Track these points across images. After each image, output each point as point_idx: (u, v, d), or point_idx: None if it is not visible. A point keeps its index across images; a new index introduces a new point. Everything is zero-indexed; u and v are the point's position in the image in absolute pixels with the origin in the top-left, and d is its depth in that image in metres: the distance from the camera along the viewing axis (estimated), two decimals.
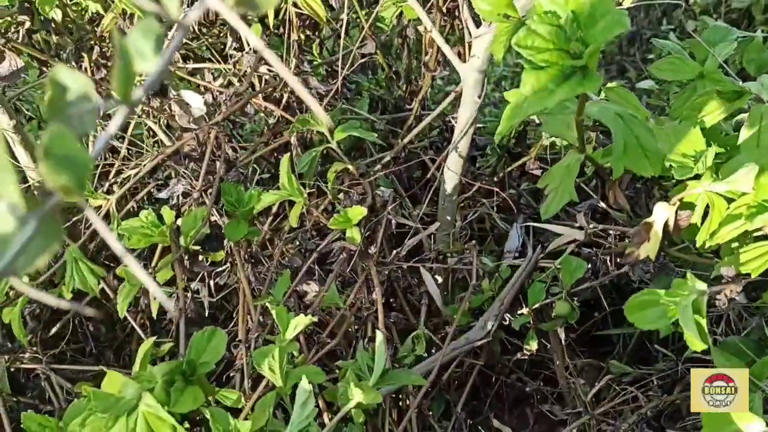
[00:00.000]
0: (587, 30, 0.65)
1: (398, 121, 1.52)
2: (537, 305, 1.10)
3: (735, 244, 0.75)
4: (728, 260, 0.74)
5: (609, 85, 0.93)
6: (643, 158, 0.73)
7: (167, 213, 1.01)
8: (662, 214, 0.81)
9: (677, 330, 1.15)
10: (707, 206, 0.77)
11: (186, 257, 1.01)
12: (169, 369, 0.80)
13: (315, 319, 0.87)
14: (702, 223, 0.76)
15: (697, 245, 0.77)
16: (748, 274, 0.72)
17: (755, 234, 0.77)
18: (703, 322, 0.68)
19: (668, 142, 0.84)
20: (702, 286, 0.70)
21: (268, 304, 0.87)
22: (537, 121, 1.42)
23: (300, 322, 0.86)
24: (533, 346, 1.12)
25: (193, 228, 1.02)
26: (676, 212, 0.82)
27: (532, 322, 1.10)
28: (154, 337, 0.86)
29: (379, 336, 0.77)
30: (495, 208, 1.45)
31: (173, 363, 0.82)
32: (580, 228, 1.08)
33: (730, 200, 0.77)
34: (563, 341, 1.27)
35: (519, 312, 1.12)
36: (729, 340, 1.01)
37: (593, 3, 0.65)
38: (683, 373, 1.15)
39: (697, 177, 0.81)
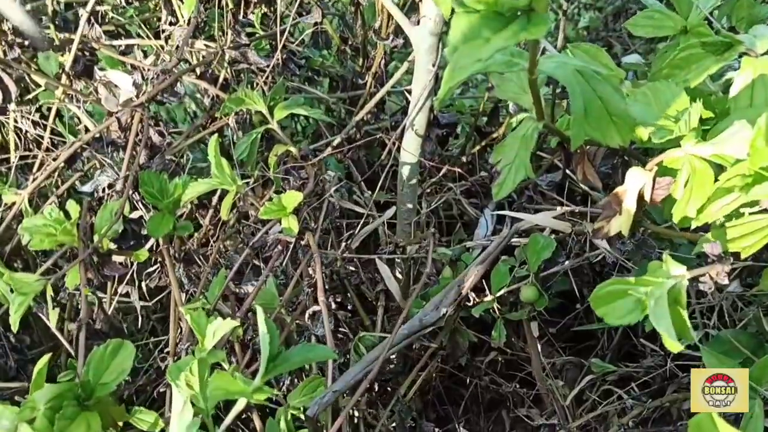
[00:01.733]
0: None
1: (355, 100, 1.38)
2: (501, 291, 0.96)
3: (722, 219, 0.62)
4: (714, 235, 0.61)
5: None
6: (608, 124, 0.60)
7: (72, 207, 0.87)
8: (636, 181, 0.67)
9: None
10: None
11: (96, 258, 0.87)
12: (58, 393, 0.67)
13: (237, 323, 0.73)
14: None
15: (675, 219, 0.64)
16: (738, 254, 0.59)
17: (749, 209, 0.64)
18: (682, 312, 0.55)
19: (646, 103, 0.70)
20: (681, 270, 0.57)
21: (186, 314, 0.73)
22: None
23: (220, 327, 0.73)
24: (501, 338, 0.99)
25: (106, 224, 0.88)
26: (654, 180, 0.69)
27: (497, 311, 0.97)
28: (50, 355, 0.72)
29: (260, 312, 0.63)
30: (464, 193, 1.32)
31: (63, 385, 0.68)
32: (562, 216, 0.95)
33: (720, 168, 0.64)
34: (541, 337, 1.15)
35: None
36: (722, 334, 0.89)
37: None
38: (673, 372, 1.02)
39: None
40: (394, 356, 1.05)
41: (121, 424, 0.71)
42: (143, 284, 1.10)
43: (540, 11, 0.52)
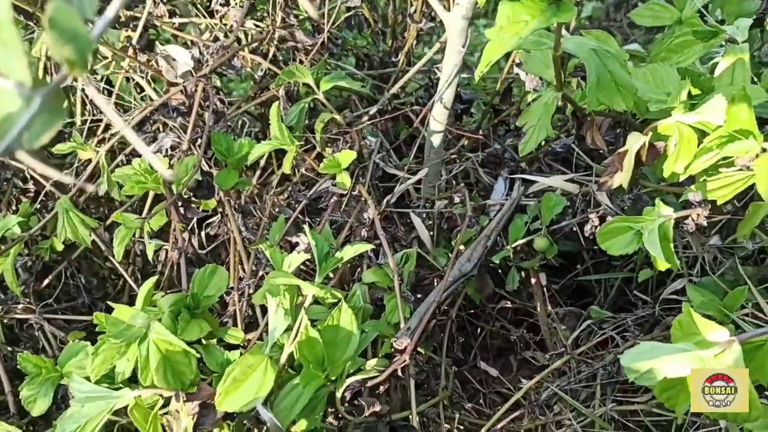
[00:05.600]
0: None
1: (384, 77, 1.53)
2: (517, 242, 1.13)
3: (704, 178, 0.78)
4: (696, 187, 0.77)
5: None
6: (616, 92, 0.76)
7: (160, 160, 1.02)
8: (635, 143, 0.84)
9: (653, 272, 1.19)
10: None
11: (179, 203, 1.03)
12: (175, 300, 0.83)
13: (308, 256, 0.89)
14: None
15: (665, 174, 0.80)
16: (714, 201, 0.76)
17: (725, 169, 0.80)
18: (669, 244, 0.71)
19: (645, 80, 0.86)
20: (668, 210, 0.73)
21: (261, 247, 0.89)
22: (521, 76, 1.44)
23: (295, 259, 0.89)
24: (514, 284, 1.15)
25: (185, 175, 1.04)
26: (650, 142, 0.85)
27: (512, 259, 1.13)
28: (155, 277, 0.89)
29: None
30: (479, 163, 1.48)
31: (178, 295, 0.85)
32: (572, 181, 1.11)
33: (704, 135, 0.80)
34: (546, 291, 1.31)
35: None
36: (705, 280, 1.05)
37: None
38: (660, 317, 1.19)
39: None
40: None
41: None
42: (202, 233, 1.26)
43: (567, 0, 0.68)
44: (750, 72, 0.86)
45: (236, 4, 1.35)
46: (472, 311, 1.39)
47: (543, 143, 0.91)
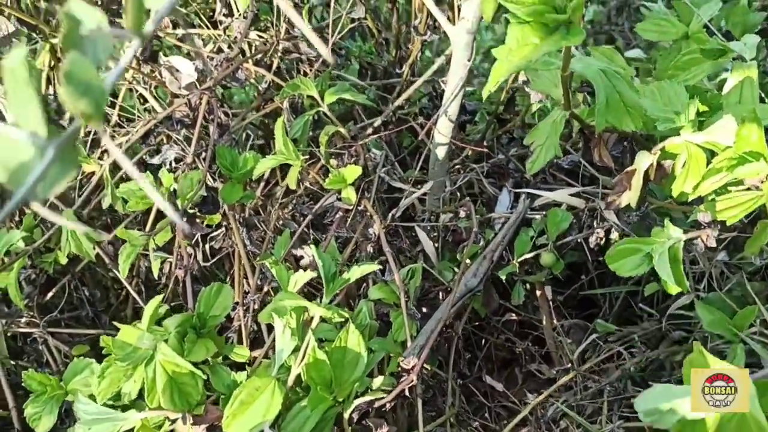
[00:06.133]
0: None
1: (388, 87, 1.53)
2: (523, 257, 1.12)
3: (713, 196, 0.78)
4: (706, 207, 0.76)
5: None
6: (624, 113, 0.75)
7: (165, 176, 1.02)
8: (644, 162, 0.83)
9: (660, 287, 1.19)
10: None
11: (184, 219, 1.02)
12: (182, 321, 0.83)
13: (315, 274, 0.88)
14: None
15: (674, 194, 0.79)
16: (724, 221, 0.75)
17: (734, 187, 0.79)
18: (680, 266, 0.71)
19: (653, 99, 0.86)
20: (678, 232, 0.73)
21: (267, 263, 0.89)
22: (526, 89, 1.44)
23: (301, 278, 0.88)
24: (519, 298, 1.15)
25: (190, 190, 1.04)
26: (658, 161, 0.84)
27: (518, 273, 1.13)
28: (161, 296, 0.88)
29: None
30: (484, 173, 1.47)
31: (185, 315, 0.84)
32: (576, 195, 1.11)
33: (712, 154, 0.80)
34: (551, 303, 1.31)
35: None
36: (712, 296, 1.05)
37: None
38: (667, 331, 1.18)
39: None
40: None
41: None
42: (206, 246, 1.25)
43: (576, 23, 0.67)
44: (758, 90, 0.85)
45: (240, 15, 1.35)
46: (477, 323, 1.38)
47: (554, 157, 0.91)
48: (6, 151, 0.31)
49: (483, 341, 1.42)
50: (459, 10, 1.11)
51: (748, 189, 0.78)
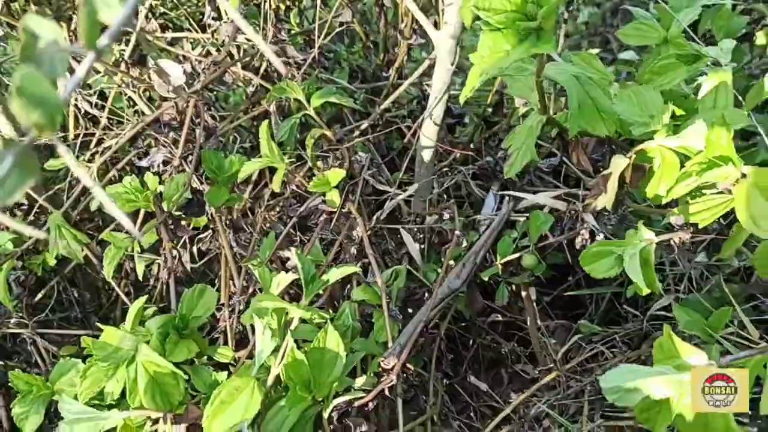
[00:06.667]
0: None
1: (376, 90, 1.54)
2: (506, 258, 1.13)
3: (687, 199, 0.79)
4: (679, 210, 0.78)
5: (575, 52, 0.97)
6: (597, 118, 0.76)
7: (150, 179, 1.03)
8: (619, 166, 0.84)
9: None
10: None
11: (170, 221, 1.04)
12: (164, 322, 0.84)
13: (296, 276, 0.89)
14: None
15: (648, 195, 0.80)
16: (696, 224, 0.76)
17: (708, 191, 0.81)
18: (651, 268, 0.72)
19: (629, 103, 0.87)
20: (650, 235, 0.74)
21: (250, 266, 0.90)
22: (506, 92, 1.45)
23: (283, 279, 0.89)
24: (503, 299, 1.16)
25: (176, 193, 1.05)
26: (634, 164, 0.86)
27: (501, 275, 1.14)
28: (145, 297, 0.89)
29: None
30: (471, 176, 1.49)
31: (167, 316, 0.85)
32: (558, 198, 1.12)
33: (687, 158, 0.81)
34: (537, 304, 1.32)
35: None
36: (691, 297, 1.06)
37: None
38: (649, 331, 1.20)
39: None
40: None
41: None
42: (194, 248, 1.26)
43: (547, 30, 0.69)
44: (732, 95, 0.86)
45: (228, 19, 1.36)
46: (464, 324, 1.39)
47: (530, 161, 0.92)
48: None
49: (470, 341, 1.44)
50: (443, 14, 1.12)
51: (720, 192, 0.79)
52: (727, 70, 0.87)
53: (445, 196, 1.41)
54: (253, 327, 1.13)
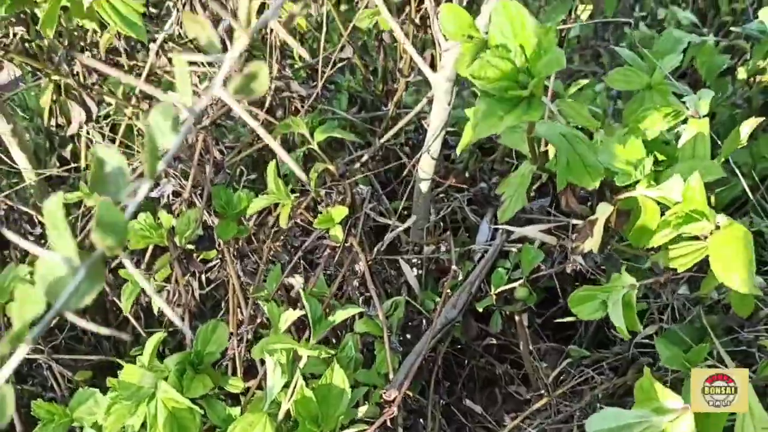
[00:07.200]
0: (533, 62, 0.74)
1: (376, 118, 1.60)
2: (500, 289, 1.20)
3: (666, 246, 0.85)
4: (659, 255, 0.84)
5: (558, 101, 1.03)
6: (584, 173, 0.83)
7: (165, 217, 1.09)
8: (604, 212, 0.91)
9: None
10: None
11: (182, 257, 1.10)
12: (181, 360, 0.90)
13: (303, 312, 0.96)
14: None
15: (631, 241, 0.87)
16: (675, 269, 0.83)
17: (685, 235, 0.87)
18: (632, 311, 0.78)
19: (614, 152, 0.94)
20: (631, 280, 0.80)
21: (259, 302, 0.97)
22: None
23: (290, 316, 0.96)
24: (497, 327, 1.23)
25: (188, 229, 1.11)
26: (617, 211, 0.92)
27: (495, 304, 1.21)
28: (163, 334, 0.95)
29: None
30: (466, 201, 1.55)
31: (183, 354, 0.92)
32: (548, 231, 1.19)
33: (666, 207, 0.88)
34: (529, 326, 1.38)
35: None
36: (673, 328, 1.13)
37: (539, 38, 0.74)
38: (635, 356, 1.26)
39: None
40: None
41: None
42: (202, 276, 1.32)
43: (538, 97, 0.75)
44: (709, 144, 0.93)
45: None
46: (459, 346, 1.46)
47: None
48: (46, 269, 0.38)
49: (465, 361, 1.50)
50: (440, 56, 1.18)
51: (697, 238, 0.85)
52: (704, 122, 0.94)
53: (441, 224, 1.48)
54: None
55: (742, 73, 1.49)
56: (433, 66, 1.28)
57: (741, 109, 1.68)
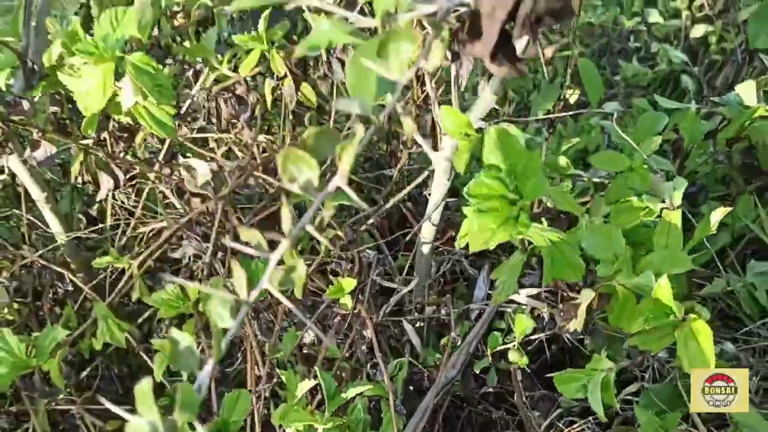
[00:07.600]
0: (521, 182, 0.86)
1: (380, 176, 1.72)
2: (495, 349, 1.31)
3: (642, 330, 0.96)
4: (635, 339, 0.95)
5: (552, 187, 1.14)
6: (568, 269, 0.94)
7: (192, 290, 1.21)
8: (587, 298, 1.02)
9: None
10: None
11: (209, 326, 1.21)
12: (210, 430, 1.01)
13: (318, 381, 1.07)
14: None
15: (611, 323, 0.98)
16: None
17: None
18: (610, 391, 0.89)
19: (596, 242, 1.05)
20: (610, 364, 0.91)
21: (282, 374, 1.08)
22: None
23: (305, 385, 1.07)
24: (493, 381, 1.34)
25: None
26: (599, 295, 1.04)
27: (491, 362, 1.32)
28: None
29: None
30: (465, 256, 1.67)
31: (212, 425, 1.03)
32: (538, 296, 1.30)
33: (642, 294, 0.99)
34: (522, 372, 1.50)
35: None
36: (651, 388, 1.24)
37: (525, 161, 0.86)
38: (620, 411, 1.37)
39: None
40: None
41: None
42: None
43: (525, 213, 0.86)
44: (681, 235, 1.04)
45: (251, 119, 1.54)
46: (458, 393, 1.57)
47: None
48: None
49: (464, 405, 1.61)
50: (441, 137, 1.30)
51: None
52: (677, 214, 1.05)
53: (442, 281, 1.59)
54: (276, 406, 1.31)
55: (722, 137, 1.60)
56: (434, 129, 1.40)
57: (722, 164, 1.80)
